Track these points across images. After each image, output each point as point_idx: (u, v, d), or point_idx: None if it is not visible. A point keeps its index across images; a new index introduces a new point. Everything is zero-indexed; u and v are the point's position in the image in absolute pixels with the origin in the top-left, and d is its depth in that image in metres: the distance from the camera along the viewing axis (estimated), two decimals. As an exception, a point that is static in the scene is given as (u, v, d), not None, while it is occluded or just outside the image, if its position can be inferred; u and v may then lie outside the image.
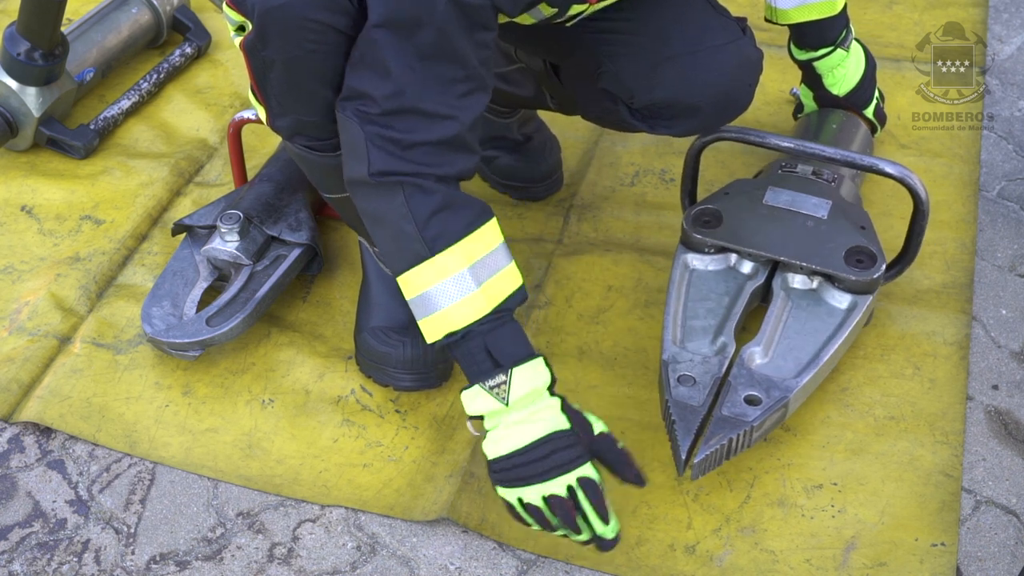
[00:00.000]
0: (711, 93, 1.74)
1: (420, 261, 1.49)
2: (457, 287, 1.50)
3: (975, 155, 2.23)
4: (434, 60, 1.45)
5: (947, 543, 1.62)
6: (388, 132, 1.46)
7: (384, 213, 1.50)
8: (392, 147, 1.46)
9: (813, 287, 1.81)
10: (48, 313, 1.96)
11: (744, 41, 1.76)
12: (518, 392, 1.50)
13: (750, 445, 1.65)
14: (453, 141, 1.49)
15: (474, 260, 1.51)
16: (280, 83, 1.54)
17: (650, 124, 1.82)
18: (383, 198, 1.49)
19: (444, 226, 1.49)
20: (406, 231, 1.48)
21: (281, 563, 1.64)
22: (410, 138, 1.46)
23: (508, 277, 1.54)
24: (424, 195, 1.47)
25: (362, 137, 1.47)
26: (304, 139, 1.61)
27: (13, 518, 1.71)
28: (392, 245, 1.52)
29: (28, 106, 2.21)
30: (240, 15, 1.51)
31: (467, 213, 1.51)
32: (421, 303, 1.53)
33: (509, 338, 1.53)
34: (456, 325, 1.51)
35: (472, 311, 1.51)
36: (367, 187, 1.49)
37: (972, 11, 2.57)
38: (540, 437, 1.49)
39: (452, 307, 1.51)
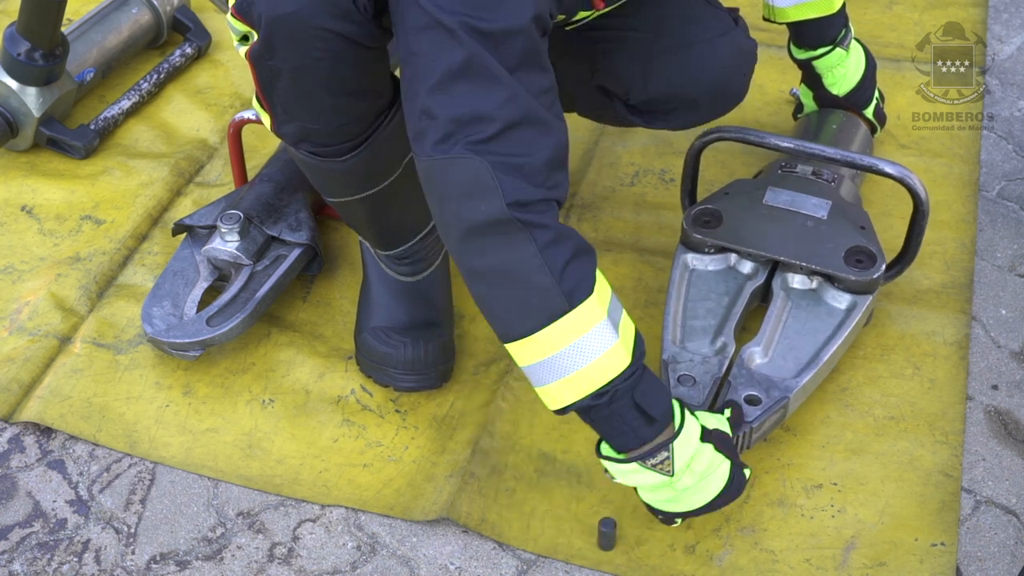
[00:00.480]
0: (707, 85, 1.75)
1: (559, 316, 1.36)
2: (599, 340, 1.38)
3: (975, 155, 2.23)
4: (528, 68, 1.37)
5: (947, 543, 1.62)
6: (510, 158, 1.34)
7: (511, 267, 1.36)
8: (518, 173, 1.34)
9: (813, 287, 1.81)
10: (48, 313, 1.96)
11: (737, 32, 1.77)
12: (682, 463, 1.45)
13: (750, 446, 1.65)
14: (564, 155, 1.40)
15: (607, 306, 1.40)
16: (287, 92, 1.52)
17: (647, 119, 1.82)
18: (510, 250, 1.35)
19: (579, 275, 1.37)
20: (541, 285, 1.35)
21: (281, 563, 1.64)
22: (531, 159, 1.35)
23: (628, 320, 1.45)
24: (557, 244, 1.36)
25: (487, 168, 1.33)
26: (309, 145, 1.61)
27: (13, 518, 1.71)
28: (519, 303, 1.38)
29: (28, 106, 2.21)
30: (245, 25, 1.50)
31: (592, 257, 1.41)
32: (552, 365, 1.39)
33: (654, 388, 1.43)
34: (600, 382, 1.39)
35: (617, 364, 1.40)
36: (493, 235, 1.35)
37: (972, 11, 2.57)
38: (720, 491, 1.50)
39: (595, 363, 1.38)
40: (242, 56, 1.52)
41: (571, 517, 1.66)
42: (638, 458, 1.44)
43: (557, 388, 1.42)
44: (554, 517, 1.67)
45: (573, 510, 1.67)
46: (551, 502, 1.68)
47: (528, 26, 1.35)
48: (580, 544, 1.63)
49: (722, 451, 1.50)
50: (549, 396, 1.44)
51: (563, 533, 1.65)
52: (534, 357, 1.40)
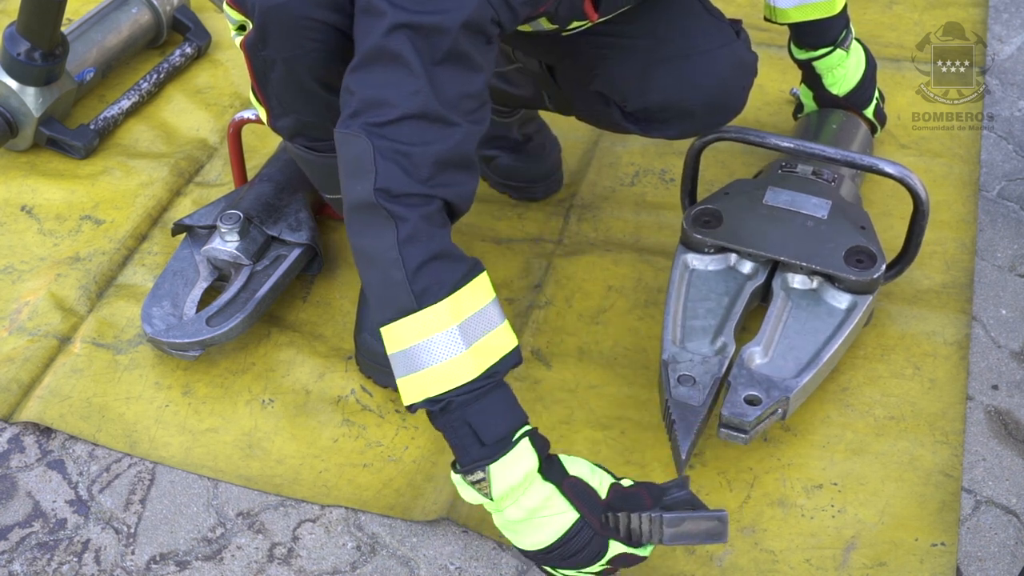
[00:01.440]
0: (704, 96, 1.74)
1: (405, 314, 1.38)
2: (442, 347, 1.38)
3: (975, 155, 2.23)
4: (448, 68, 1.39)
5: (947, 543, 1.62)
6: (399, 145, 1.37)
7: (374, 253, 1.39)
8: (403, 161, 1.36)
9: (813, 287, 1.81)
10: (48, 313, 1.96)
11: (738, 44, 1.76)
12: (500, 490, 1.39)
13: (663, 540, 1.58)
14: (460, 156, 1.41)
15: (464, 317, 1.39)
16: (281, 83, 1.53)
17: (643, 127, 1.82)
18: (375, 236, 1.38)
19: (434, 278, 1.38)
20: (394, 278, 1.37)
21: (281, 563, 1.64)
22: (422, 150, 1.37)
23: (500, 337, 1.43)
24: (416, 242, 1.37)
25: (370, 150, 1.37)
26: (305, 139, 1.61)
27: (13, 518, 1.71)
28: (378, 291, 1.41)
29: (28, 106, 2.21)
30: (240, 14, 1.52)
31: (459, 266, 1.41)
32: (403, 360, 1.40)
33: (497, 412, 1.41)
34: (438, 388, 1.39)
35: (456, 375, 1.38)
36: (364, 215, 1.38)
37: (972, 11, 2.57)
38: (554, 540, 1.40)
39: (436, 368, 1.38)
40: (238, 46, 1.53)
41: (571, 517, 1.66)
42: (461, 472, 1.41)
43: (404, 383, 1.41)
44: (554, 517, 1.67)
45: (573, 510, 1.67)
46: (551, 502, 1.68)
47: (458, 27, 1.37)
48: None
49: (570, 499, 1.40)
50: (401, 389, 1.43)
51: (563, 533, 1.65)
52: (391, 347, 1.41)
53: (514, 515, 1.41)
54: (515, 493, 1.40)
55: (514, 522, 1.42)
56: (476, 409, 1.40)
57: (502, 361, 1.42)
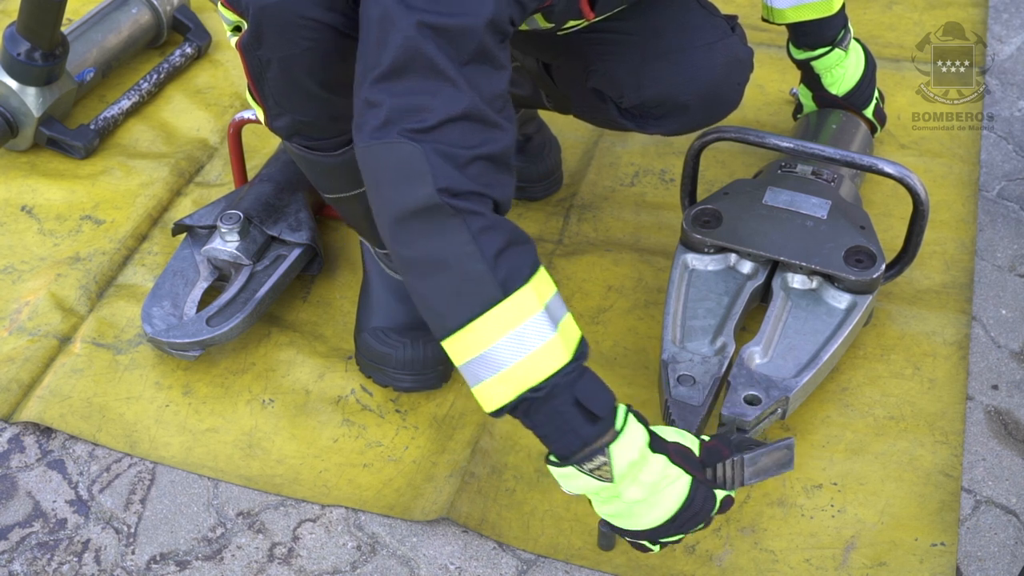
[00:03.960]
0: (699, 91, 1.74)
1: (491, 305, 1.31)
2: (536, 332, 1.32)
3: (975, 155, 2.23)
4: (478, 68, 1.34)
5: (947, 543, 1.62)
6: (446, 147, 1.31)
7: (444, 255, 1.32)
8: (452, 162, 1.31)
9: (813, 287, 1.81)
10: (48, 313, 1.97)
11: (733, 39, 1.76)
12: (621, 468, 1.34)
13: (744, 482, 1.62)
14: (505, 156, 1.36)
15: (546, 299, 1.35)
16: (277, 83, 1.53)
17: (639, 123, 1.82)
18: (442, 236, 1.31)
19: (514, 263, 1.32)
20: (474, 272, 1.30)
21: (281, 563, 1.64)
22: (468, 152, 1.32)
23: (572, 322, 1.39)
24: (491, 230, 1.31)
25: (419, 151, 1.30)
26: (302, 139, 1.61)
27: (13, 518, 1.71)
28: (450, 294, 1.33)
29: (28, 106, 2.21)
30: (235, 14, 1.51)
31: (531, 249, 1.36)
32: (487, 360, 1.33)
33: (597, 387, 1.36)
34: (538, 377, 1.32)
35: (555, 358, 1.33)
36: (423, 221, 1.32)
37: (972, 11, 2.57)
38: (678, 508, 1.38)
39: (532, 356, 1.32)
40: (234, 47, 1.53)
41: (571, 517, 1.67)
42: (575, 461, 1.35)
43: (493, 384, 1.34)
44: (554, 517, 1.67)
45: (573, 510, 1.67)
46: (551, 502, 1.68)
47: (483, 27, 1.34)
48: (580, 544, 1.63)
49: (680, 465, 1.38)
50: (485, 395, 1.36)
51: (563, 533, 1.65)
52: (469, 352, 1.34)
53: (634, 494, 1.36)
54: (634, 470, 1.36)
55: (633, 503, 1.37)
56: (581, 387, 1.34)
57: (582, 343, 1.39)
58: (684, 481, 1.38)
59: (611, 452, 1.34)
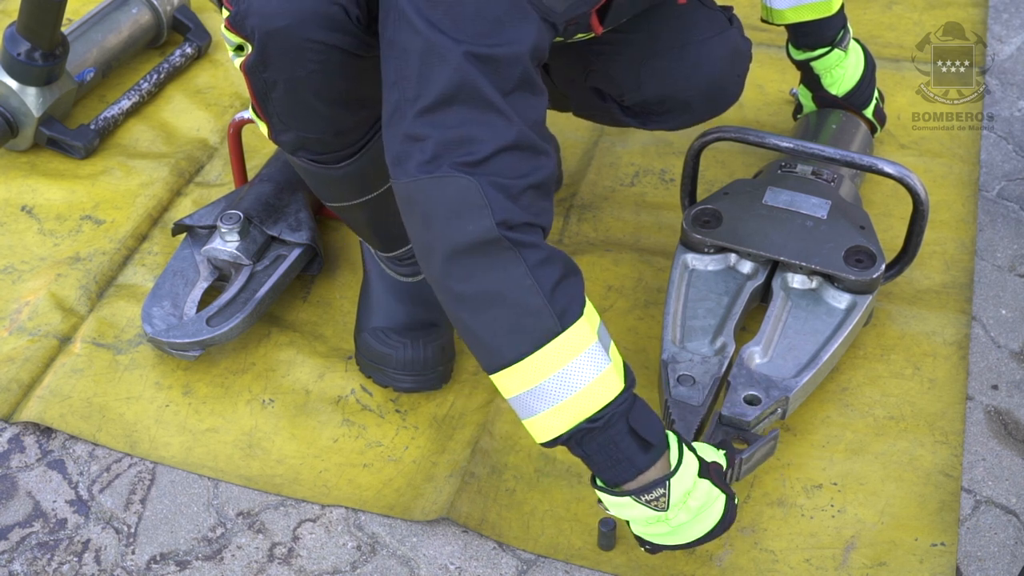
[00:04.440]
0: (700, 86, 1.75)
1: (551, 338, 1.31)
2: (591, 363, 1.32)
3: (975, 155, 2.23)
4: (522, 96, 1.34)
5: (947, 543, 1.62)
6: (498, 179, 1.30)
7: (501, 288, 1.31)
8: (505, 194, 1.30)
9: (812, 287, 1.81)
10: (48, 313, 1.96)
11: (731, 32, 1.76)
12: (677, 498, 1.39)
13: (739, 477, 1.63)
14: (549, 181, 1.36)
15: (596, 328, 1.35)
16: (282, 103, 1.52)
17: (642, 120, 1.82)
18: (499, 270, 1.30)
19: (569, 295, 1.32)
20: (532, 305, 1.30)
21: (281, 563, 1.64)
22: (520, 183, 1.31)
23: (615, 347, 1.41)
24: (547, 263, 1.31)
25: (475, 185, 1.28)
26: (307, 153, 1.60)
27: (13, 518, 1.71)
28: (510, 326, 1.32)
29: (28, 106, 2.21)
30: (239, 37, 1.50)
31: (580, 278, 1.37)
32: (542, 392, 1.33)
33: (648, 414, 1.38)
34: (595, 408, 1.33)
35: (611, 388, 1.34)
36: (480, 256, 1.30)
37: (972, 11, 2.57)
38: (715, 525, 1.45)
39: (588, 387, 1.33)
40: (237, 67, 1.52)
41: (571, 517, 1.66)
42: (632, 493, 1.37)
43: (548, 417, 1.35)
44: (554, 517, 1.67)
45: (573, 510, 1.67)
46: (551, 502, 1.68)
47: (528, 54, 1.33)
48: (580, 544, 1.63)
49: (719, 485, 1.45)
50: (539, 427, 1.37)
51: (563, 533, 1.65)
52: (524, 385, 1.34)
53: (681, 519, 1.42)
54: (686, 498, 1.41)
55: (678, 525, 1.42)
56: (635, 415, 1.37)
57: (627, 366, 1.39)
58: (722, 501, 1.45)
59: (670, 485, 1.38)
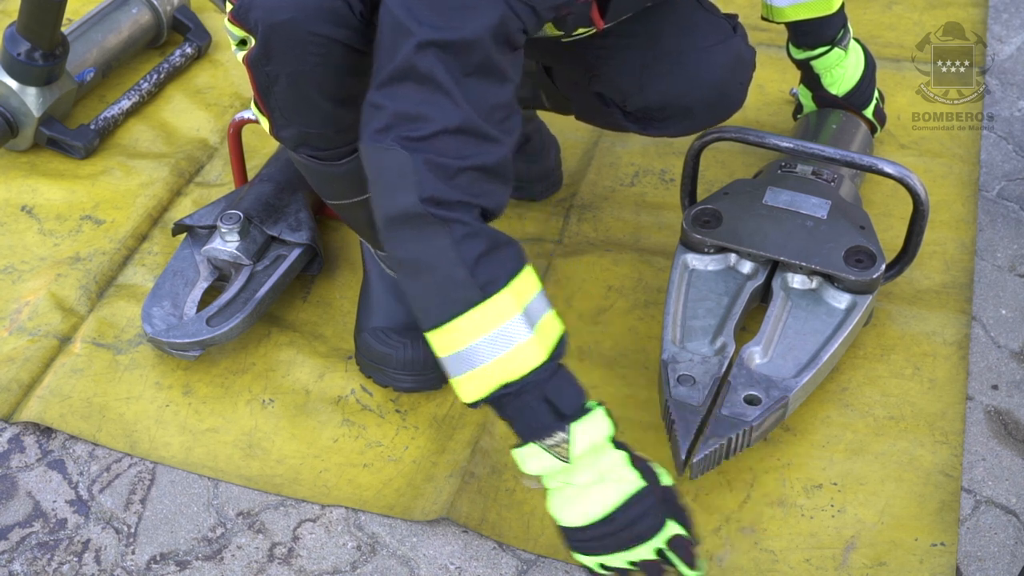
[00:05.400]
0: (703, 93, 1.74)
1: (470, 307, 1.37)
2: (512, 333, 1.38)
3: (975, 155, 2.23)
4: (479, 81, 1.38)
5: (947, 543, 1.62)
6: (436, 158, 1.35)
7: (428, 259, 1.38)
8: (440, 173, 1.36)
9: (813, 287, 1.81)
10: (48, 313, 1.96)
11: (735, 40, 1.76)
12: (580, 448, 1.39)
13: (749, 445, 1.65)
14: (498, 168, 1.40)
15: (525, 303, 1.40)
16: (284, 96, 1.52)
17: (643, 126, 1.82)
18: (426, 242, 1.37)
19: (495, 269, 1.38)
20: (455, 277, 1.36)
21: (281, 563, 1.64)
22: (459, 163, 1.36)
23: (553, 320, 1.44)
24: (472, 237, 1.37)
25: (409, 161, 1.35)
26: (309, 149, 1.61)
27: (13, 518, 1.71)
28: (434, 294, 1.39)
29: (28, 106, 2.21)
30: (242, 30, 1.50)
31: (512, 253, 1.41)
32: (466, 356, 1.39)
33: (568, 385, 1.42)
34: (512, 375, 1.38)
35: (529, 359, 1.39)
36: (409, 227, 1.37)
37: (972, 11, 2.57)
38: (619, 504, 1.39)
39: (506, 356, 1.38)
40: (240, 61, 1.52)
41: (571, 517, 1.66)
42: (535, 438, 1.40)
43: (469, 380, 1.41)
44: (554, 517, 1.67)
45: (573, 510, 1.67)
46: (551, 502, 1.68)
47: (487, 39, 1.36)
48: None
49: (639, 469, 1.42)
50: (462, 388, 1.43)
51: (563, 533, 1.65)
52: (449, 348, 1.40)
53: (584, 479, 1.40)
54: (593, 456, 1.40)
55: (581, 487, 1.40)
56: (552, 386, 1.40)
57: (560, 342, 1.43)
58: (633, 483, 1.40)
59: (572, 430, 1.39)
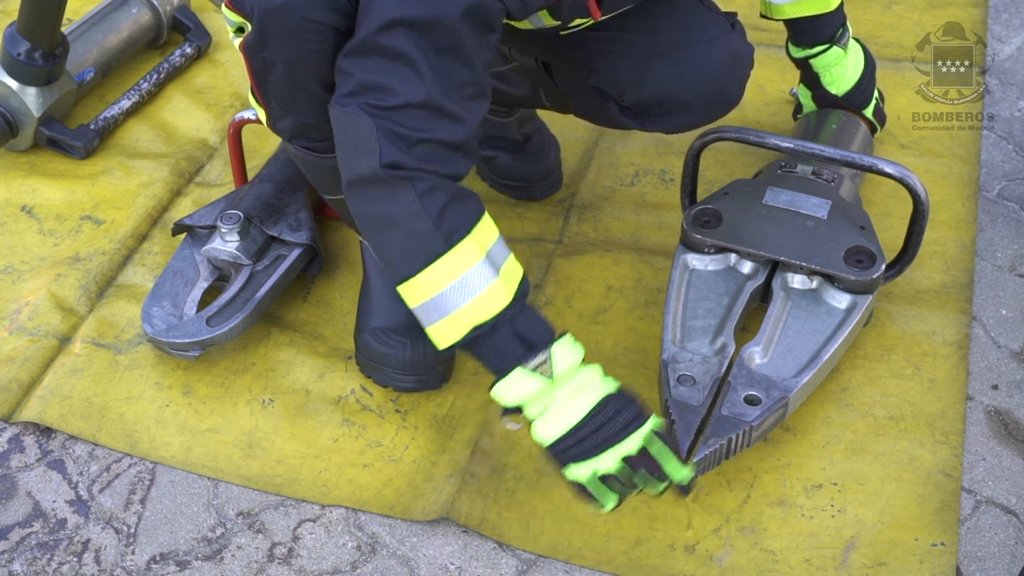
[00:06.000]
0: (701, 88, 1.75)
1: (436, 258, 1.44)
2: (478, 278, 1.45)
3: (975, 155, 2.23)
4: (448, 59, 1.42)
5: (947, 543, 1.62)
6: (398, 128, 1.41)
7: (392, 213, 1.44)
8: (400, 143, 1.41)
9: (813, 287, 1.81)
10: (48, 313, 1.96)
11: (734, 36, 1.77)
12: (562, 365, 1.46)
13: (749, 445, 1.65)
14: (460, 144, 1.46)
15: (487, 249, 1.47)
16: (280, 84, 1.53)
17: (640, 121, 1.82)
18: (391, 198, 1.43)
19: (457, 219, 1.44)
20: (419, 229, 1.43)
21: (281, 563, 1.64)
22: (420, 135, 1.42)
23: (514, 263, 1.51)
24: (433, 190, 1.43)
25: (372, 128, 1.41)
26: (305, 140, 1.61)
27: (13, 518, 1.71)
28: (400, 248, 1.46)
29: (28, 106, 2.21)
30: (239, 16, 1.51)
31: (472, 203, 1.47)
32: (437, 304, 1.46)
33: (535, 321, 1.49)
34: (482, 317, 1.46)
35: (497, 300, 1.46)
36: (373, 186, 1.44)
37: (972, 11, 2.57)
38: (598, 402, 1.47)
39: (476, 300, 1.45)
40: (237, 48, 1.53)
41: (571, 517, 1.66)
42: (519, 363, 1.45)
43: (444, 325, 1.47)
44: (554, 517, 1.67)
45: (573, 510, 1.67)
46: (551, 502, 1.68)
47: (456, 20, 1.40)
48: (580, 544, 1.63)
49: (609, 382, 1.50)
50: (438, 334, 1.49)
51: (563, 533, 1.65)
52: (420, 298, 1.47)
53: (564, 392, 1.46)
54: (572, 371, 1.47)
55: (562, 401, 1.46)
56: (521, 322, 1.47)
57: (523, 283, 1.51)
58: (608, 386, 1.49)
59: (552, 351, 1.46)
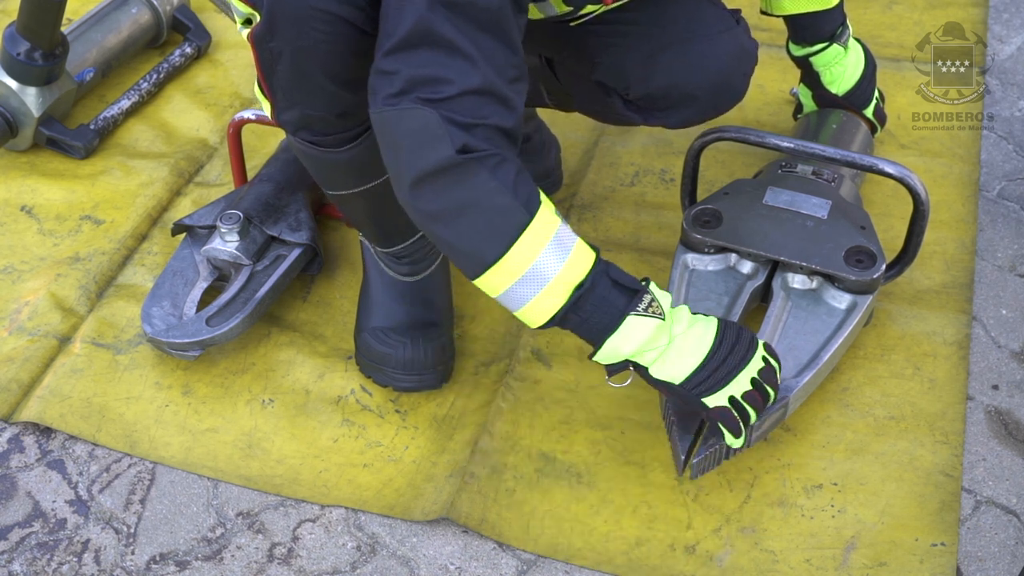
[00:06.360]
0: (707, 80, 1.75)
1: (524, 228, 1.43)
2: (567, 238, 1.46)
3: (975, 155, 2.23)
4: (492, 39, 1.41)
5: (947, 543, 1.62)
6: (455, 116, 1.39)
7: (472, 197, 1.41)
8: (462, 127, 1.40)
9: (813, 287, 1.81)
10: (48, 313, 1.96)
11: (739, 30, 1.77)
12: (666, 303, 1.50)
13: (749, 445, 1.65)
14: (511, 131, 1.45)
15: (555, 208, 1.48)
16: (287, 75, 1.53)
17: (644, 115, 1.82)
18: (466, 182, 1.41)
19: (528, 185, 1.44)
20: (501, 204, 1.42)
21: (281, 563, 1.64)
22: (475, 121, 1.40)
23: None
24: (502, 163, 1.41)
25: (436, 117, 1.38)
26: (309, 134, 1.61)
27: (13, 518, 1.71)
28: (484, 230, 1.44)
29: (28, 106, 2.21)
30: (248, 7, 1.52)
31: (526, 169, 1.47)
32: (531, 277, 1.45)
33: (620, 270, 1.51)
34: (580, 275, 1.46)
35: (587, 255, 1.48)
36: (445, 175, 1.40)
37: (972, 11, 2.57)
38: (719, 330, 1.53)
39: (570, 260, 1.46)
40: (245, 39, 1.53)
41: (571, 517, 1.66)
42: (629, 310, 1.47)
43: (543, 299, 1.46)
44: (554, 517, 1.67)
45: (573, 510, 1.67)
46: (551, 502, 1.68)
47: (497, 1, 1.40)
48: (580, 544, 1.63)
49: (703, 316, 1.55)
50: (536, 311, 1.48)
51: (563, 533, 1.65)
52: (511, 278, 1.45)
53: (680, 328, 1.51)
54: (674, 312, 1.52)
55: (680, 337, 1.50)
56: (614, 271, 1.49)
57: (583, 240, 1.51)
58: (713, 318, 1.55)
59: (652, 290, 1.50)
